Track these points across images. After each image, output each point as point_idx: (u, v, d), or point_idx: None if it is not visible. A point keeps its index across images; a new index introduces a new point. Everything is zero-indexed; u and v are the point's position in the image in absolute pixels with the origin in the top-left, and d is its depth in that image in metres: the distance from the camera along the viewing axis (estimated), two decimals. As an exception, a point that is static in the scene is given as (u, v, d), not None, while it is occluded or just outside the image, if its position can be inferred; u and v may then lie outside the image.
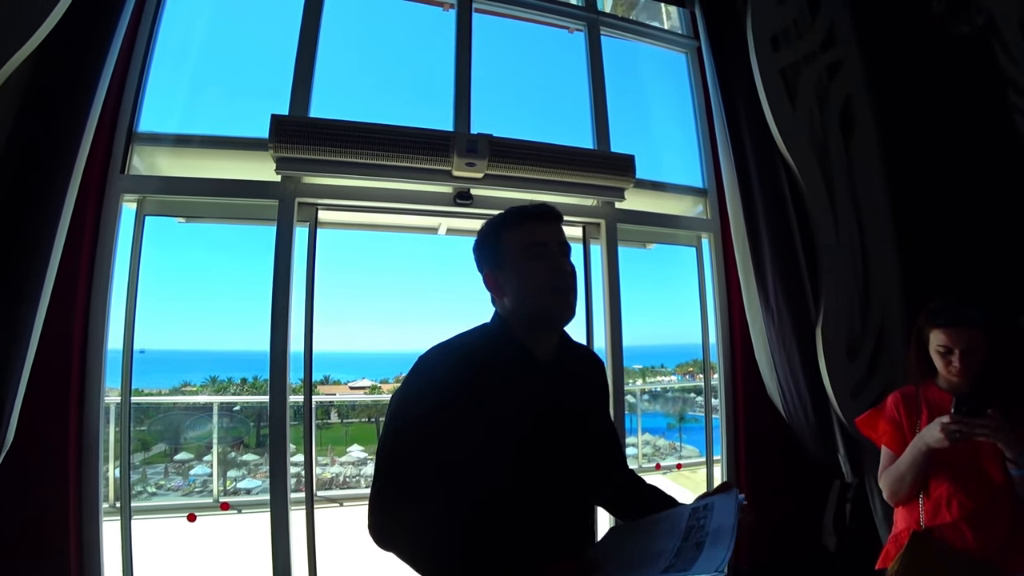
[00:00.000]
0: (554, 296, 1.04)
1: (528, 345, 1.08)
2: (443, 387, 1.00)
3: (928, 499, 1.55)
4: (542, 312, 1.06)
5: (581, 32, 3.07)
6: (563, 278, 1.05)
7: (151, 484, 5.19)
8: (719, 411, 2.98)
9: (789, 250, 2.63)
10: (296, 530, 2.27)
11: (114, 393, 2.36)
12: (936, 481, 1.53)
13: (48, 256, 1.80)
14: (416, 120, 2.48)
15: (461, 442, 0.98)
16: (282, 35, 2.54)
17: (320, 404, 7.23)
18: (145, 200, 2.32)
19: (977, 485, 1.48)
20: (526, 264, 1.05)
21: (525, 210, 1.10)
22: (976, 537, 1.47)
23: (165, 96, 2.52)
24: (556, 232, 1.09)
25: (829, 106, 2.75)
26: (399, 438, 1.00)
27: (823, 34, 2.82)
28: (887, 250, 2.71)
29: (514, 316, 1.09)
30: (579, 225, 2.86)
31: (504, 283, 1.08)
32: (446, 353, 1.05)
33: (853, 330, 2.59)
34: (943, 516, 1.51)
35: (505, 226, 1.09)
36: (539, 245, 1.05)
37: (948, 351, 1.53)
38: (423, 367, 1.04)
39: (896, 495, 1.60)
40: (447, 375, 1.01)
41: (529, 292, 1.05)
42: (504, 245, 1.08)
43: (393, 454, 1.00)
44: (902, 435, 1.61)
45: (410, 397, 1.03)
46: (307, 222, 2.44)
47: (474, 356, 1.04)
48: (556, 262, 1.05)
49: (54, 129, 1.84)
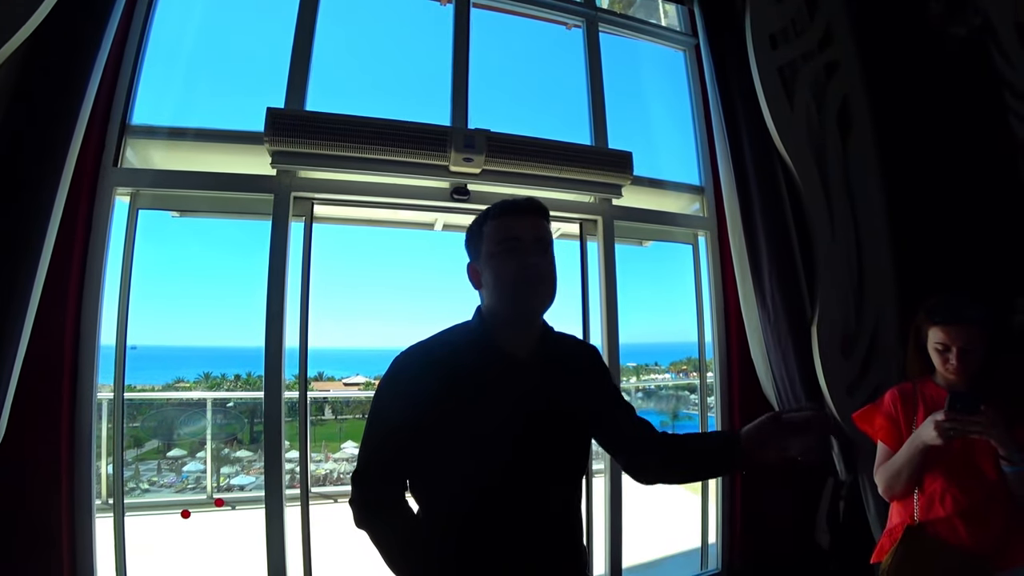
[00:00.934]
0: (519, 289, 1.04)
1: (504, 342, 1.08)
2: (415, 387, 1.04)
3: (922, 494, 1.56)
4: (508, 306, 1.07)
5: (579, 28, 3.06)
6: (528, 272, 1.04)
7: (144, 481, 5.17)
8: (714, 409, 2.99)
9: (785, 248, 2.63)
10: (291, 526, 2.26)
11: (107, 389, 2.33)
12: (931, 477, 1.55)
13: (39, 250, 1.76)
14: (413, 115, 2.47)
15: (429, 441, 1.02)
16: (278, 28, 2.51)
17: (314, 400, 7.20)
18: (138, 194, 2.30)
19: (971, 481, 1.49)
20: (498, 257, 1.05)
21: (506, 204, 1.09)
22: (969, 532, 1.48)
23: (159, 88, 2.49)
24: (533, 226, 1.07)
25: (826, 105, 2.75)
26: (369, 436, 1.08)
27: (821, 33, 2.82)
28: (882, 248, 2.72)
29: (489, 310, 1.11)
30: (576, 222, 2.86)
31: (480, 275, 1.11)
32: (421, 352, 1.09)
33: (848, 328, 2.60)
34: (936, 511, 1.52)
35: (487, 219, 1.10)
36: (513, 239, 1.05)
37: (946, 348, 1.54)
38: (398, 367, 1.08)
39: (891, 491, 1.61)
40: (419, 375, 1.05)
41: (497, 285, 1.06)
42: (483, 238, 1.09)
43: (366, 446, 1.08)
44: (898, 431, 1.62)
45: (381, 396, 1.08)
46: (303, 217, 2.42)
47: (448, 354, 1.07)
48: (526, 257, 1.04)
49: (45, 121, 1.81)
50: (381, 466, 1.06)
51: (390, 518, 1.05)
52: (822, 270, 2.59)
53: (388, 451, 1.06)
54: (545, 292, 1.07)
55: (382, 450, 1.06)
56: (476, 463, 1.02)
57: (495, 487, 1.02)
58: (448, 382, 1.02)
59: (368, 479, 1.06)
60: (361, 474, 1.06)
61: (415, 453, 1.04)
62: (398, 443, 1.04)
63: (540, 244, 1.07)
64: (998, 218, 2.72)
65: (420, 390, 1.03)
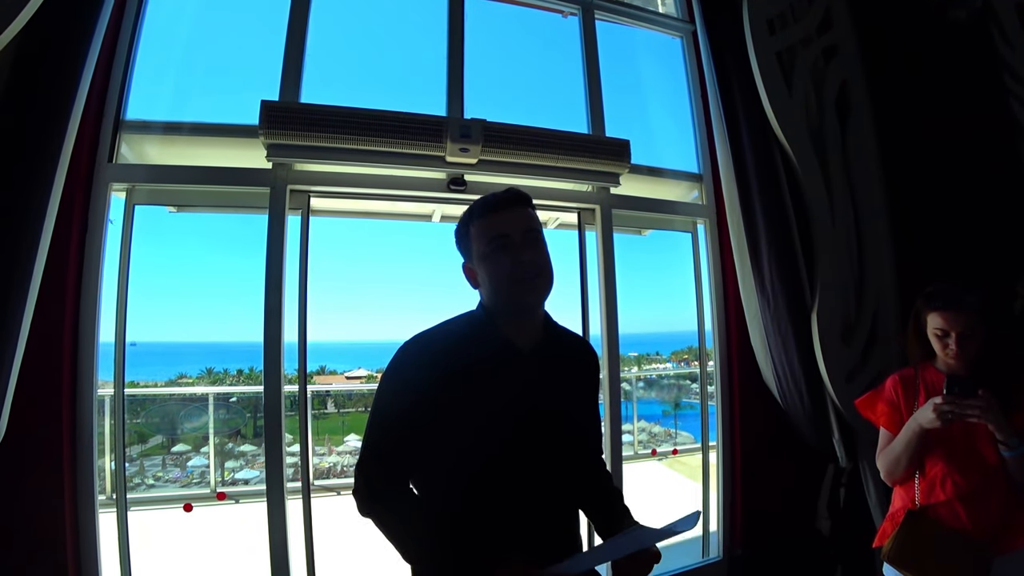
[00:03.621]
0: (516, 286, 1.04)
1: (509, 332, 1.09)
2: (418, 377, 1.03)
3: (923, 478, 1.58)
4: (508, 302, 1.07)
5: (575, 16, 3.03)
6: (523, 268, 1.04)
7: (149, 476, 5.20)
8: (715, 397, 2.99)
9: (785, 235, 2.62)
10: (293, 519, 2.27)
11: (108, 386, 2.34)
12: (931, 461, 1.57)
13: (36, 248, 1.76)
14: (409, 105, 2.43)
15: (436, 431, 1.02)
16: (271, 19, 2.48)
17: (317, 394, 7.22)
18: (134, 189, 2.29)
19: (971, 465, 1.51)
20: (490, 256, 1.05)
21: (487, 202, 1.09)
22: (969, 515, 1.50)
23: (153, 83, 2.47)
24: (520, 219, 1.07)
25: (825, 90, 2.73)
26: (373, 426, 1.08)
27: (819, 18, 2.79)
28: (882, 235, 2.71)
29: (490, 306, 1.11)
30: (574, 211, 2.85)
31: (476, 275, 1.11)
32: (425, 342, 1.08)
33: (848, 315, 2.60)
34: (937, 495, 1.54)
35: (472, 219, 1.10)
36: (501, 236, 1.05)
37: (945, 334, 1.55)
38: (402, 356, 1.07)
39: (892, 475, 1.63)
40: (423, 364, 1.05)
41: (494, 284, 1.06)
42: (472, 238, 1.09)
43: (369, 436, 1.07)
44: (900, 416, 1.64)
45: (386, 386, 1.08)
46: (299, 210, 2.41)
47: (451, 345, 1.07)
48: (517, 253, 1.04)
49: (38, 118, 1.79)
50: (385, 455, 1.06)
51: (394, 505, 1.05)
52: (822, 257, 2.58)
53: (392, 441, 1.05)
54: (543, 285, 1.08)
55: (386, 440, 1.06)
56: (482, 451, 1.02)
57: (499, 475, 1.02)
58: (455, 371, 1.02)
59: (372, 468, 1.05)
60: (365, 463, 1.06)
61: (419, 442, 1.03)
62: (402, 433, 1.04)
63: (530, 235, 1.06)
64: (999, 203, 2.71)
65: (425, 379, 1.02)
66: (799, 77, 2.68)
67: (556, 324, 1.19)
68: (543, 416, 1.07)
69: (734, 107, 2.72)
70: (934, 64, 2.85)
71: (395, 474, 1.06)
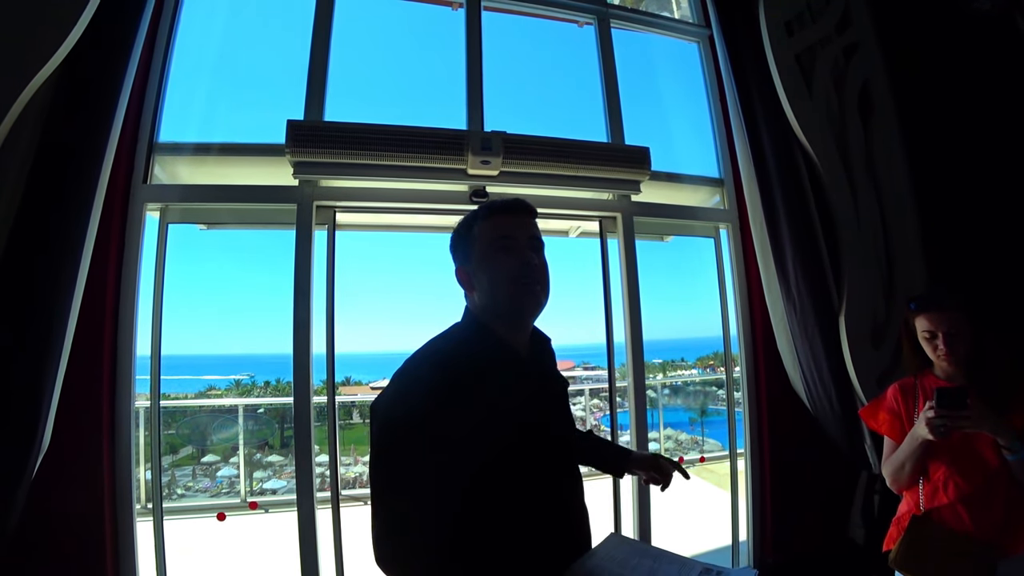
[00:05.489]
0: (518, 287, 1.03)
1: (512, 340, 1.07)
2: (435, 399, 0.92)
3: (927, 483, 1.60)
4: (507, 304, 1.04)
5: (591, 25, 3.05)
6: (527, 270, 1.03)
7: (180, 486, 5.31)
8: (742, 404, 2.95)
9: (809, 238, 2.59)
10: (323, 528, 2.31)
11: (143, 398, 2.41)
12: (935, 465, 1.59)
13: (77, 266, 1.85)
14: (429, 120, 2.51)
15: (462, 456, 0.90)
16: (295, 42, 2.57)
17: (342, 404, 7.30)
18: (167, 208, 2.38)
19: (972, 468, 1.53)
20: (493, 256, 1.04)
21: (494, 205, 1.09)
22: (973, 518, 1.51)
23: (183, 107, 2.57)
24: (525, 225, 1.08)
25: (846, 90, 2.70)
26: (391, 459, 0.93)
27: (838, 16, 2.77)
28: (910, 235, 2.65)
29: (483, 311, 1.07)
30: (595, 219, 2.86)
31: (473, 277, 1.07)
32: (433, 362, 1.00)
33: (877, 317, 2.54)
34: (940, 499, 1.55)
35: (476, 221, 1.09)
36: (506, 238, 1.05)
37: (932, 336, 1.59)
38: (408, 380, 0.98)
39: (897, 483, 1.67)
40: (438, 385, 0.94)
41: (494, 284, 1.04)
42: (474, 239, 1.08)
43: (388, 478, 0.92)
44: (901, 424, 1.67)
45: (398, 414, 0.94)
46: (325, 225, 2.48)
47: (462, 361, 0.99)
48: (522, 255, 1.04)
49: (79, 143, 1.90)
50: (414, 497, 0.89)
51: (433, 559, 0.88)
52: (848, 259, 2.54)
53: (419, 477, 0.89)
54: (540, 294, 1.06)
55: (411, 476, 0.90)
56: (511, 464, 0.95)
57: (529, 485, 0.98)
58: (473, 384, 0.95)
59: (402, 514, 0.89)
60: (391, 512, 0.90)
61: (448, 469, 0.90)
62: (431, 460, 0.89)
63: (534, 242, 1.07)
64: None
65: (447, 393, 0.92)
66: (819, 77, 2.65)
67: (535, 328, 1.17)
68: (557, 418, 1.09)
69: (753, 111, 2.71)
70: (958, 58, 2.79)
71: (425, 530, 0.89)
